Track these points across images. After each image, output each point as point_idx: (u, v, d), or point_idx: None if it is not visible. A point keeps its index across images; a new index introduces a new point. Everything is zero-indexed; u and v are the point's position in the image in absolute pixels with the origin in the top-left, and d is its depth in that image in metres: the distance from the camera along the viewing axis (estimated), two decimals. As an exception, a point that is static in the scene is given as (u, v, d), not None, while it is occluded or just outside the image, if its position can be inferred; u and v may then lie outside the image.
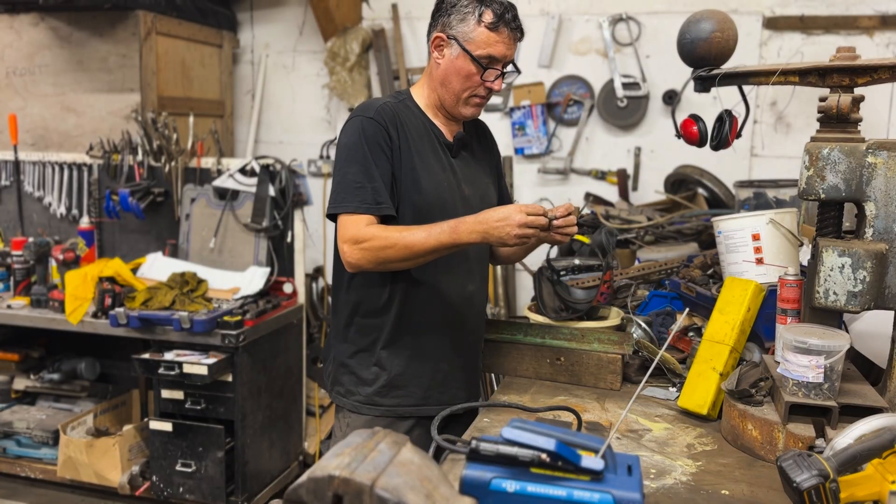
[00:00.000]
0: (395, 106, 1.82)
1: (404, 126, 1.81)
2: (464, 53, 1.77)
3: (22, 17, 3.95)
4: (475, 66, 1.77)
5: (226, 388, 3.12)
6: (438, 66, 1.82)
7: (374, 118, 1.77)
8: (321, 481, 0.91)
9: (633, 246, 2.98)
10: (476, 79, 1.80)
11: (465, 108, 1.85)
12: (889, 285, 1.54)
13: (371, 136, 1.75)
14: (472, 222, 1.65)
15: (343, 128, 1.83)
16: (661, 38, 3.87)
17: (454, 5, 1.78)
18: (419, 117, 1.86)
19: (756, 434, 1.49)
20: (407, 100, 1.88)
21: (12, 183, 3.94)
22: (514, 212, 1.63)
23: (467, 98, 1.83)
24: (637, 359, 1.98)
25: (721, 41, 1.80)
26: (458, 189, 1.86)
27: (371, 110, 1.78)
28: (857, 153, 1.53)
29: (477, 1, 1.76)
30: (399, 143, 1.78)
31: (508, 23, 1.77)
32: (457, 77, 1.80)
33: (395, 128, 1.78)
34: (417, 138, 1.82)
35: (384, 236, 1.68)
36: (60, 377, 3.66)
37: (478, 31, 1.76)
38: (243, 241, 3.58)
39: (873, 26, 3.62)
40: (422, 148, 1.82)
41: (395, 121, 1.79)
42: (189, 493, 3.18)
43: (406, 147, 1.79)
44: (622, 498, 1.00)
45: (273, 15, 4.54)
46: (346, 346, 1.90)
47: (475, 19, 1.75)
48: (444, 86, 1.83)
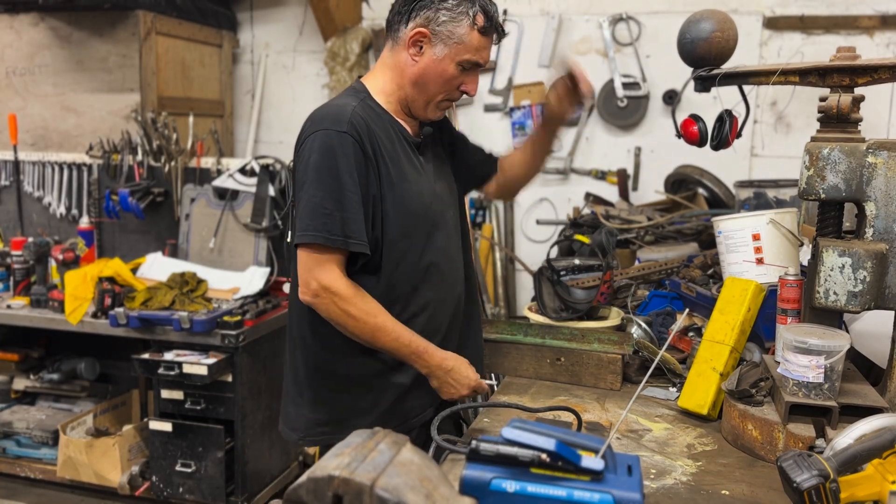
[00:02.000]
0: (362, 111, 1.64)
1: (376, 134, 1.64)
2: (450, 56, 1.63)
3: (22, 17, 3.95)
4: (458, 70, 1.65)
5: (226, 388, 3.12)
6: (414, 63, 1.65)
7: (349, 133, 1.58)
8: (321, 481, 0.91)
9: (633, 246, 2.98)
10: (455, 83, 1.68)
11: (434, 111, 1.72)
12: (889, 285, 1.54)
13: (345, 155, 1.57)
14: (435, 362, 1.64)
15: (308, 140, 1.61)
16: (661, 38, 3.87)
17: (444, 1, 1.62)
18: (385, 119, 1.69)
19: (756, 434, 1.49)
20: (368, 99, 1.69)
21: (12, 183, 3.94)
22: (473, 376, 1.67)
23: (440, 101, 1.70)
24: (637, 359, 1.98)
25: (721, 41, 1.80)
26: (433, 187, 1.76)
27: (342, 123, 1.59)
28: (858, 153, 1.53)
29: (470, 1, 1.63)
30: (375, 157, 1.62)
31: (497, 26, 1.66)
32: (436, 80, 1.66)
33: (369, 141, 1.61)
34: (389, 145, 1.67)
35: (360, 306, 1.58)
36: (60, 377, 3.66)
37: (471, 36, 1.63)
38: (243, 241, 3.58)
39: (873, 26, 3.62)
40: (395, 155, 1.67)
41: (368, 129, 1.62)
42: (189, 493, 3.18)
43: (382, 159, 1.64)
44: (622, 498, 1.00)
45: (273, 15, 4.55)
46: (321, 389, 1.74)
47: (469, 22, 1.62)
48: (418, 87, 1.67)
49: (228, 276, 3.49)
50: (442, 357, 1.66)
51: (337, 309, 1.58)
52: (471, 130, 4.20)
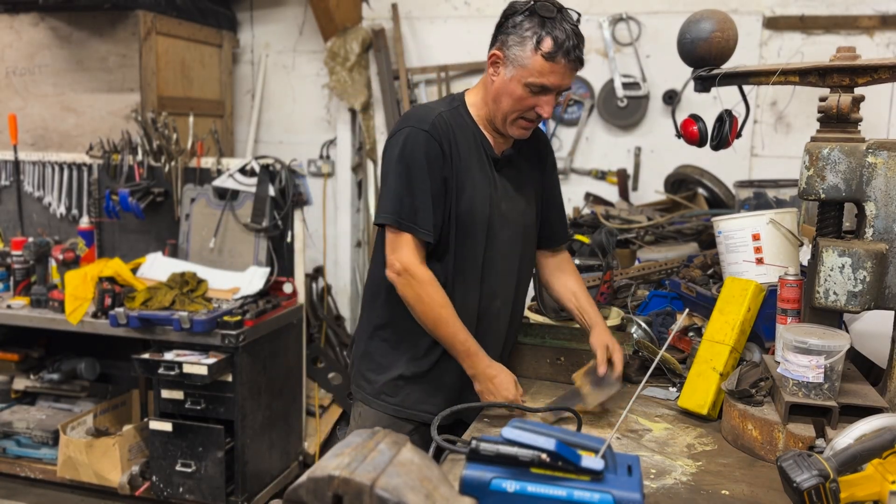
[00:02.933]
0: (448, 116, 1.78)
1: (456, 139, 1.77)
2: (517, 78, 1.71)
3: (22, 17, 3.95)
4: (526, 91, 1.72)
5: (226, 388, 3.12)
6: (493, 82, 1.77)
7: (430, 133, 1.73)
8: (321, 481, 0.91)
9: (633, 246, 2.98)
10: (526, 103, 1.74)
11: (511, 128, 1.80)
12: (889, 285, 1.54)
13: (424, 153, 1.72)
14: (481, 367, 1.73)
15: (395, 136, 1.78)
16: (661, 38, 3.87)
17: (516, 25, 1.70)
18: (471, 127, 1.82)
19: (756, 434, 1.49)
20: (461, 107, 1.84)
21: (12, 183, 3.94)
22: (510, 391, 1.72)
23: (514, 119, 1.78)
24: (637, 359, 1.98)
25: (721, 41, 1.80)
26: (497, 204, 1.83)
27: (426, 122, 1.74)
28: (858, 153, 1.53)
29: (539, 26, 1.68)
30: (452, 158, 1.75)
31: (568, 53, 1.68)
32: (508, 98, 1.74)
33: (448, 142, 1.75)
34: (466, 150, 1.79)
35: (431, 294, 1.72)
36: (60, 377, 3.66)
37: (534, 59, 1.68)
38: (243, 241, 3.58)
39: (873, 26, 3.62)
40: (470, 161, 1.79)
41: (449, 134, 1.76)
42: (189, 493, 3.18)
43: (457, 161, 1.76)
44: (622, 498, 1.00)
45: (273, 15, 4.54)
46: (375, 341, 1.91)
47: (533, 45, 1.67)
48: (496, 103, 1.78)
49: (228, 276, 3.49)
50: (488, 364, 1.74)
51: (412, 291, 1.73)
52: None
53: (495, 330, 1.90)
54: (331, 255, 4.50)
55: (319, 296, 4.34)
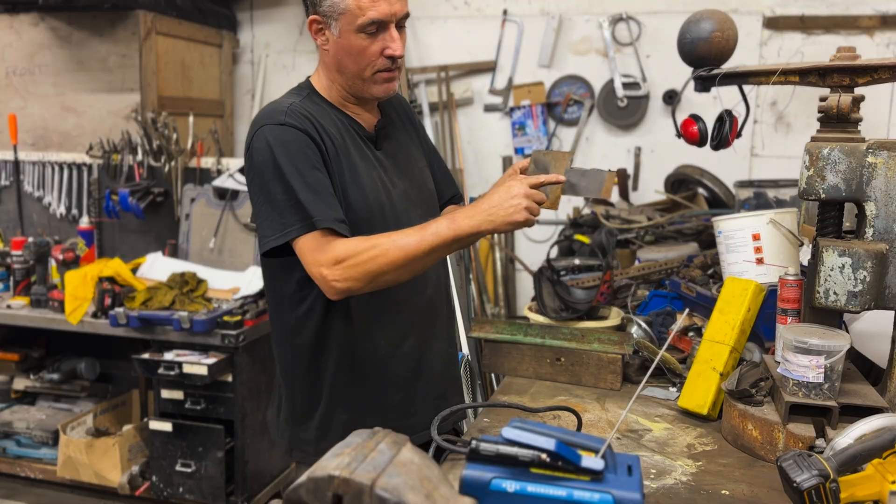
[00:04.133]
0: (304, 105, 1.57)
1: (323, 127, 1.55)
2: (346, 30, 1.51)
3: (22, 17, 3.95)
4: (364, 38, 1.52)
5: (226, 388, 3.12)
6: (327, 52, 1.58)
7: (286, 123, 1.50)
8: (321, 481, 0.91)
9: (633, 246, 2.98)
10: (371, 50, 1.53)
11: (374, 87, 1.58)
12: (889, 285, 1.54)
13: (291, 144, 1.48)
14: (470, 207, 1.46)
15: (252, 144, 1.53)
16: (661, 38, 3.87)
17: None
18: (330, 113, 1.60)
19: (756, 434, 1.49)
20: (312, 95, 1.62)
21: (12, 183, 3.94)
22: (516, 183, 1.43)
23: (372, 76, 1.57)
24: (637, 359, 1.98)
25: (721, 41, 1.80)
26: (390, 186, 1.63)
27: (278, 115, 1.52)
28: (858, 153, 1.53)
29: None
30: (325, 148, 1.53)
31: None
32: (349, 57, 1.54)
33: (315, 130, 1.52)
34: (338, 137, 1.57)
35: (370, 245, 1.43)
36: (60, 377, 3.66)
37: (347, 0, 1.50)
38: (243, 240, 3.58)
39: (873, 26, 3.62)
40: (345, 149, 1.57)
41: (312, 121, 1.53)
42: (189, 493, 3.18)
43: (332, 151, 1.54)
44: (622, 498, 1.00)
45: (273, 15, 4.55)
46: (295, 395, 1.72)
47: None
48: (341, 71, 1.58)
49: (228, 276, 3.49)
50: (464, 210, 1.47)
51: (359, 269, 1.44)
52: (470, 130, 4.21)
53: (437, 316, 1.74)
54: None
55: (319, 296, 4.34)
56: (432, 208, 1.76)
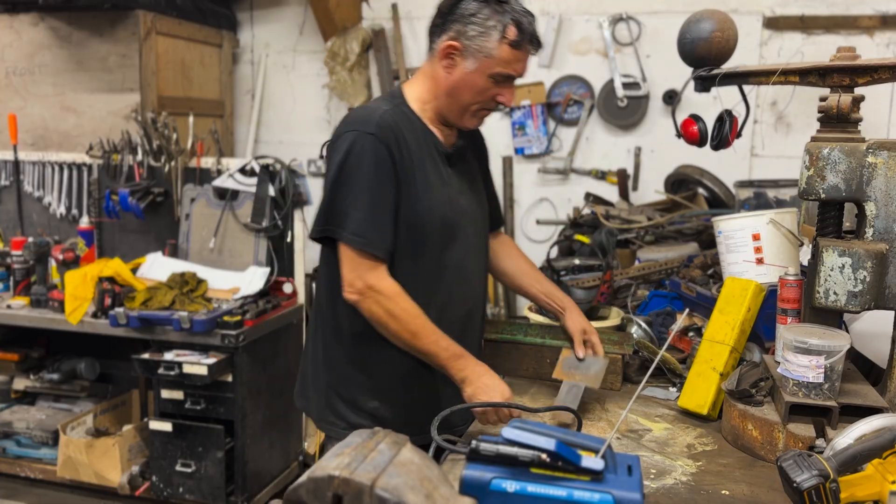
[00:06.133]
0: (393, 115, 1.67)
1: (405, 139, 1.66)
2: (480, 70, 1.64)
3: (22, 17, 3.95)
4: (490, 82, 1.66)
5: (226, 388, 3.12)
6: (448, 76, 1.67)
7: (376, 136, 1.61)
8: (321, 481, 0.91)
9: (633, 246, 2.98)
10: (490, 93, 1.68)
11: (470, 120, 1.73)
12: (889, 285, 1.54)
13: (373, 161, 1.60)
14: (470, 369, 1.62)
15: (338, 142, 1.66)
16: (661, 38, 3.87)
17: (473, 14, 1.62)
18: (417, 125, 1.71)
19: (756, 434, 1.49)
20: (402, 105, 1.72)
21: (12, 183, 3.94)
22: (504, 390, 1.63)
23: (476, 111, 1.72)
24: (637, 359, 1.98)
25: (721, 41, 1.80)
26: (455, 201, 1.75)
27: (371, 124, 1.62)
28: (858, 153, 1.53)
29: (498, 13, 1.61)
30: (402, 160, 1.64)
31: (532, 40, 1.66)
32: (469, 91, 1.67)
33: (396, 144, 1.64)
34: (417, 151, 1.68)
35: (403, 306, 1.61)
36: (60, 377, 3.66)
37: (501, 50, 1.62)
38: (243, 241, 3.58)
39: (873, 26, 3.62)
40: (422, 162, 1.68)
41: (397, 134, 1.65)
42: (189, 493, 3.18)
43: (408, 163, 1.65)
44: (622, 498, 1.00)
45: (273, 15, 4.55)
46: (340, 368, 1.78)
47: (498, 35, 1.61)
48: (452, 97, 1.69)
49: (228, 276, 3.49)
50: (475, 363, 1.65)
51: (380, 308, 1.61)
52: (471, 130, 4.20)
53: (474, 330, 1.85)
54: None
55: (319, 296, 4.34)
56: (484, 228, 1.89)
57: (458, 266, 1.75)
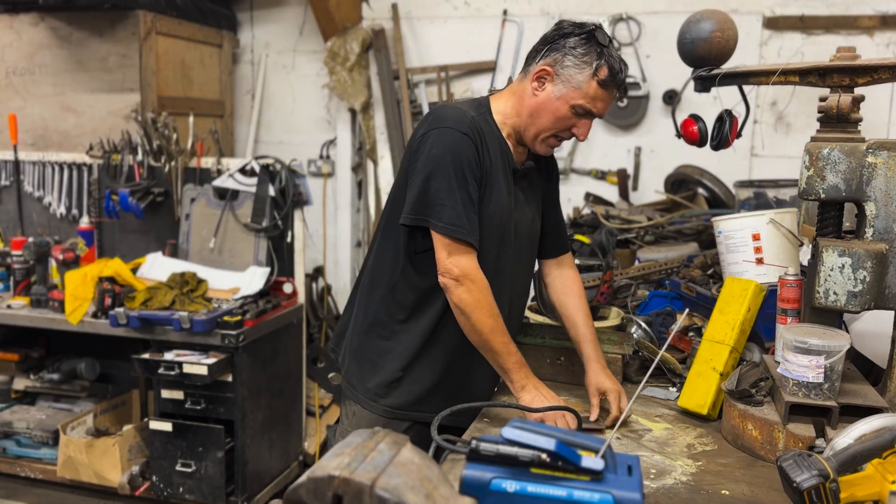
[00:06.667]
0: (479, 121, 1.77)
1: (487, 145, 1.77)
2: (566, 97, 1.72)
3: (22, 17, 3.95)
4: (571, 112, 1.73)
5: (226, 388, 3.12)
6: (535, 97, 1.76)
7: (469, 136, 1.71)
8: (321, 481, 0.91)
9: (633, 246, 2.98)
10: (567, 123, 1.75)
11: (541, 146, 1.81)
12: (889, 285, 1.54)
13: (465, 155, 1.71)
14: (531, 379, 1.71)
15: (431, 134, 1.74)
16: (661, 38, 3.87)
17: (574, 48, 1.71)
18: (496, 136, 1.81)
19: (756, 434, 1.49)
20: (487, 114, 1.82)
21: (12, 183, 3.94)
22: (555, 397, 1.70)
23: (547, 137, 1.79)
24: (637, 359, 1.98)
25: (721, 41, 1.80)
26: (512, 213, 1.84)
27: (464, 125, 1.72)
28: (858, 153, 1.53)
29: (598, 54, 1.70)
30: (484, 163, 1.75)
31: (620, 84, 1.73)
32: (550, 116, 1.75)
33: (481, 146, 1.74)
34: (495, 158, 1.78)
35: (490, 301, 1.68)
36: (60, 377, 3.66)
37: (589, 85, 1.70)
38: (243, 241, 3.58)
39: (873, 26, 3.62)
40: (496, 170, 1.79)
41: (482, 138, 1.75)
42: (189, 493, 3.18)
43: (487, 167, 1.76)
44: (622, 498, 1.00)
45: (273, 15, 4.55)
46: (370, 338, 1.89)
47: (591, 71, 1.69)
48: (533, 118, 1.77)
49: (228, 276, 3.49)
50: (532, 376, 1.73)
51: (471, 297, 1.68)
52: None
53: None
54: (331, 255, 4.50)
55: (319, 296, 4.34)
56: (533, 244, 1.96)
57: (502, 272, 1.83)
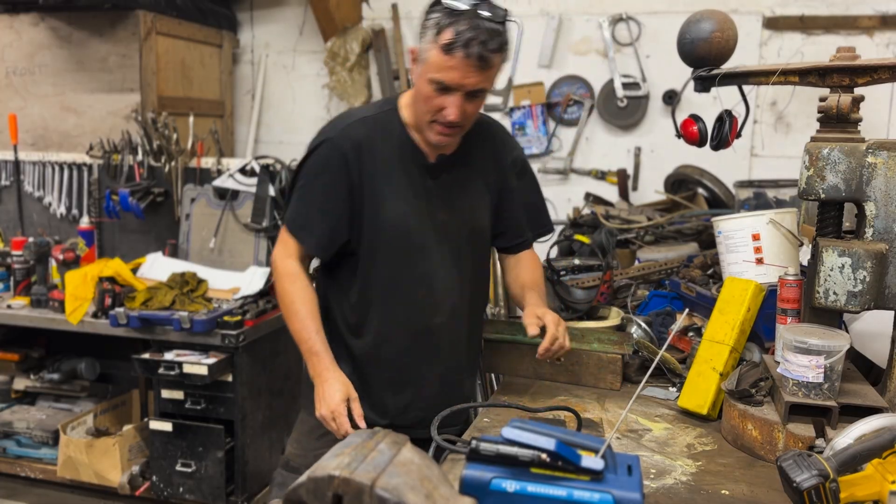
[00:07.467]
0: (371, 122, 1.68)
1: (374, 148, 1.66)
2: (423, 74, 1.58)
3: (22, 17, 3.94)
4: (432, 89, 1.58)
5: (226, 388, 3.11)
6: (416, 83, 1.65)
7: (336, 140, 1.67)
8: (321, 481, 0.91)
9: (633, 246, 2.98)
10: (434, 103, 1.59)
11: (429, 133, 1.65)
12: (889, 285, 1.54)
13: (324, 164, 1.67)
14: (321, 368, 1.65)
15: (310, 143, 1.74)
16: (661, 38, 3.87)
17: (427, 20, 1.58)
18: (398, 135, 1.70)
19: (756, 434, 1.49)
20: (391, 112, 1.71)
21: (12, 183, 3.94)
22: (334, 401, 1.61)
23: (430, 122, 1.63)
24: (637, 359, 1.98)
25: (721, 41, 1.80)
26: (431, 215, 1.72)
27: (334, 130, 1.69)
28: (857, 153, 1.53)
29: (445, 14, 1.53)
30: (363, 168, 1.66)
31: (467, 45, 1.51)
32: (421, 99, 1.62)
33: (357, 152, 1.65)
34: (388, 160, 1.68)
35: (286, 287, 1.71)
36: (60, 377, 3.66)
37: (432, 51, 1.55)
38: (243, 240, 3.58)
39: (873, 26, 3.62)
40: (391, 172, 1.68)
41: (363, 143, 1.66)
42: (189, 493, 3.18)
43: (371, 171, 1.67)
44: (622, 498, 1.00)
45: (273, 15, 4.55)
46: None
47: (432, 36, 1.54)
48: (416, 105, 1.67)
49: (228, 276, 3.49)
50: (325, 367, 1.65)
51: (277, 284, 1.75)
52: (471, 130, 4.21)
53: (439, 346, 1.81)
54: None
55: (319, 296, 4.34)
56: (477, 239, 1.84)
57: (421, 278, 1.74)
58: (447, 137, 1.66)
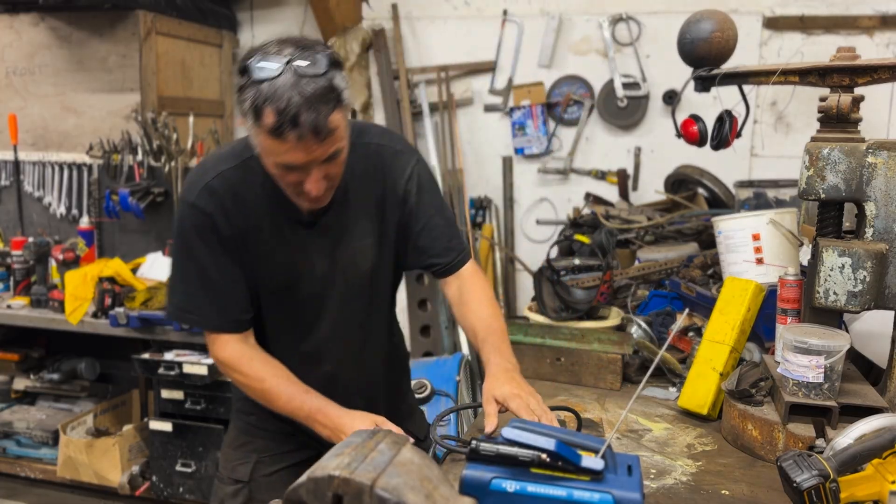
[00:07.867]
0: (233, 176, 1.48)
1: (240, 204, 1.48)
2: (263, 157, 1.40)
3: (22, 17, 3.94)
4: (283, 170, 1.38)
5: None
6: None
7: (197, 205, 1.46)
8: (321, 481, 0.91)
9: (633, 246, 2.98)
10: (289, 179, 1.40)
11: (299, 202, 1.46)
12: (889, 285, 1.54)
13: (195, 232, 1.48)
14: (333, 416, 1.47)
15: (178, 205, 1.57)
16: (661, 38, 3.86)
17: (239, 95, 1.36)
18: (264, 187, 1.48)
19: (756, 434, 1.49)
20: (253, 160, 1.47)
21: (12, 183, 3.94)
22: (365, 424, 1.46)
23: (296, 194, 1.44)
24: (637, 359, 1.98)
25: (721, 41, 1.80)
26: (309, 266, 1.56)
27: (194, 192, 1.47)
28: (857, 153, 1.53)
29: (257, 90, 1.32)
30: (233, 226, 1.49)
31: (296, 125, 1.28)
32: (275, 175, 1.42)
33: (223, 211, 1.47)
34: (259, 215, 1.50)
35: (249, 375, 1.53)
36: (60, 377, 3.66)
37: (261, 139, 1.34)
38: (243, 241, 3.58)
39: (873, 26, 3.62)
40: (262, 227, 1.51)
41: (226, 201, 1.47)
42: (189, 493, 3.18)
43: (242, 228, 1.50)
44: (622, 498, 1.00)
45: (273, 15, 4.54)
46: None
47: (253, 121, 1.33)
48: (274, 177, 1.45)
49: (228, 276, 3.48)
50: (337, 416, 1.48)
51: (232, 378, 1.57)
52: (470, 130, 4.21)
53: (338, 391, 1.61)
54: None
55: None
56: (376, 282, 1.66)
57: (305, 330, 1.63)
58: (319, 203, 1.47)
